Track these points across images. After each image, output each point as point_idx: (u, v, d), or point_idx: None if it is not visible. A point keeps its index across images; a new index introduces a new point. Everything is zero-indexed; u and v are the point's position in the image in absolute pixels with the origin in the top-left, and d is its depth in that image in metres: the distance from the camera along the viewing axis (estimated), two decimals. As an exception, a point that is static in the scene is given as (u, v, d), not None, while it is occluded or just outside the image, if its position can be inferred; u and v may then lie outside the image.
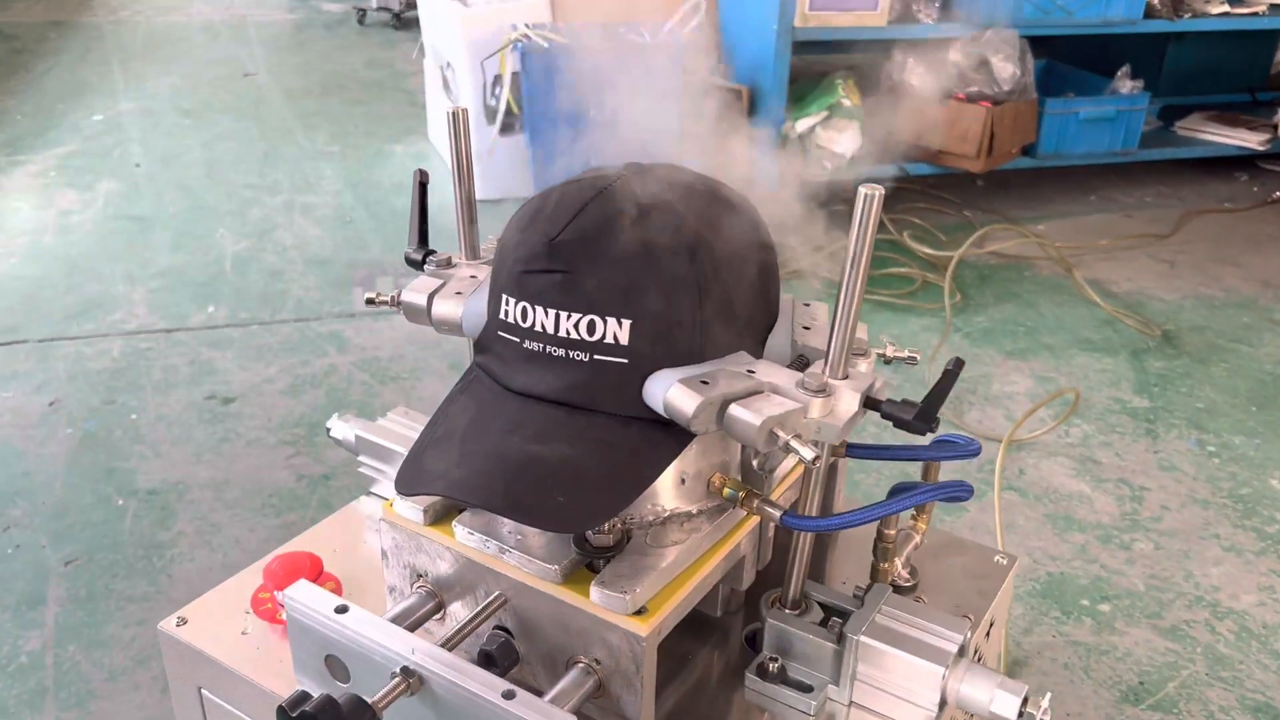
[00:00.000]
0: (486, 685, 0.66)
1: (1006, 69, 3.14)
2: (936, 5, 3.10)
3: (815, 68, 3.21)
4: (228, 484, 1.97)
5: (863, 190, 0.65)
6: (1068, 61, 3.80)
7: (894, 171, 3.28)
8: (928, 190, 3.43)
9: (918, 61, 3.19)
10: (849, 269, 0.67)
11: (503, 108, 3.11)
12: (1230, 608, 1.74)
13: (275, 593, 0.84)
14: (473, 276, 0.81)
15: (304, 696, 0.63)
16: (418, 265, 0.85)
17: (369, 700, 0.65)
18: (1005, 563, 0.93)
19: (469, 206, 0.85)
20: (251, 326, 2.55)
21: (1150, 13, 3.28)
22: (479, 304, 0.76)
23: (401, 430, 0.96)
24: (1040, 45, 3.91)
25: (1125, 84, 3.43)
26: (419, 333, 2.48)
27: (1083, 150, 3.43)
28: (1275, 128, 3.70)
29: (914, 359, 0.81)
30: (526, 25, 2.93)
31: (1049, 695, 0.73)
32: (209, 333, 2.51)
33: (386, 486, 0.97)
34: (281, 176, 3.52)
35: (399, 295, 0.82)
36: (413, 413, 0.99)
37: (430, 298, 0.80)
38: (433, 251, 0.86)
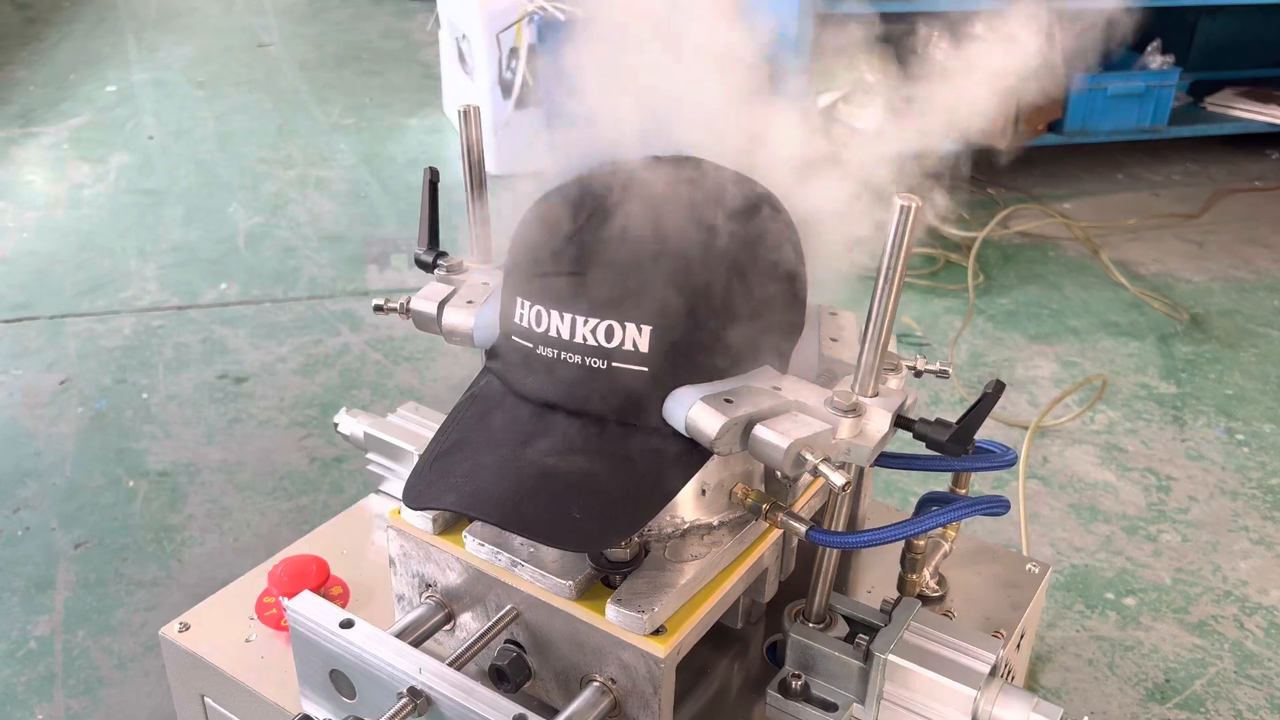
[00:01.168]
0: (496, 708, 0.63)
1: (1034, 43, 3.06)
2: (963, -23, 3.02)
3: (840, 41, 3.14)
4: (239, 466, 1.95)
5: (899, 201, 0.60)
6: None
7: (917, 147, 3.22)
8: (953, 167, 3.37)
9: (944, 34, 3.13)
10: (882, 282, 0.62)
11: (519, 81, 3.06)
12: (1259, 603, 1.70)
13: (280, 599, 0.81)
14: (485, 283, 0.77)
15: None
16: (428, 268, 0.81)
17: (374, 724, 0.62)
18: (1037, 572, 0.90)
19: (481, 208, 0.81)
20: (264, 304, 2.52)
21: (1184, -15, 3.19)
22: (491, 314, 0.72)
23: (411, 427, 0.92)
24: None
25: (1155, 59, 3.35)
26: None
27: (1111, 127, 3.36)
28: (1309, 104, 3.61)
29: (945, 372, 0.77)
30: (543, -3, 2.88)
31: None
32: (221, 310, 2.49)
33: (396, 485, 0.93)
34: (295, 150, 3.48)
35: (408, 302, 0.78)
36: (423, 409, 0.96)
37: (441, 306, 0.76)
38: (444, 254, 0.82)
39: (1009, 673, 0.85)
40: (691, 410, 0.64)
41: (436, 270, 0.82)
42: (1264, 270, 2.88)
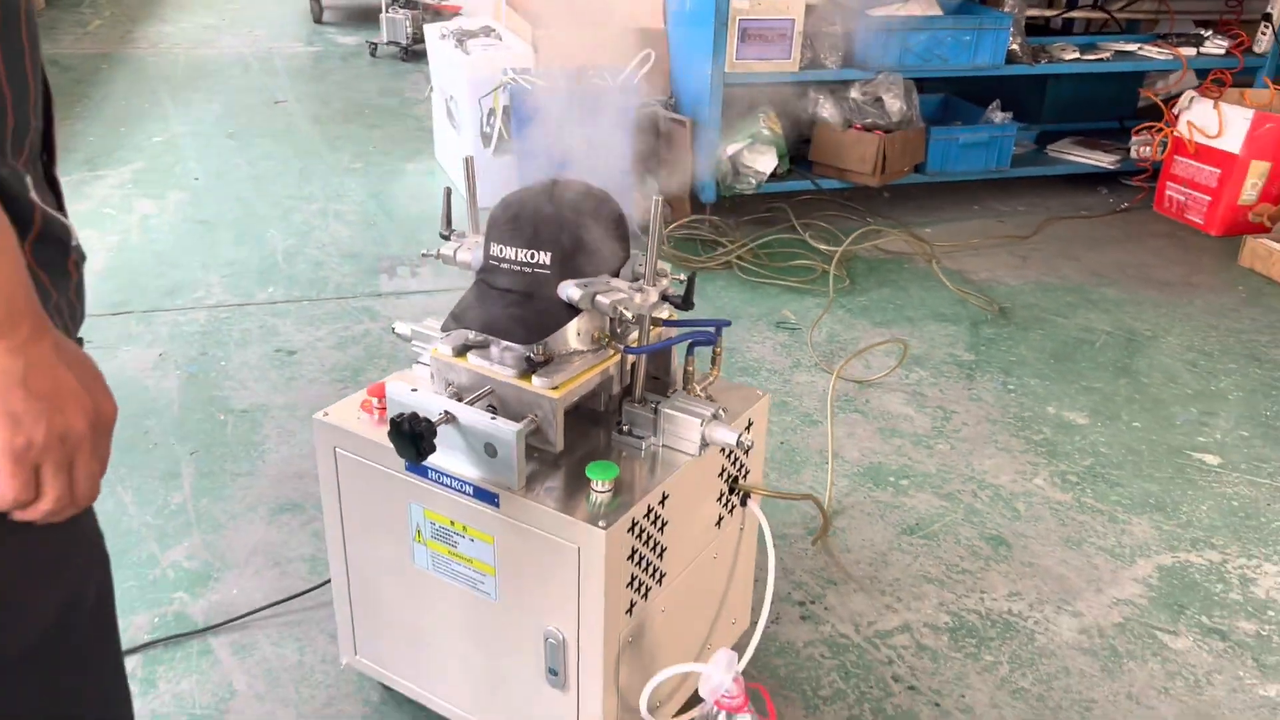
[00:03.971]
0: (483, 415, 1.45)
1: (896, 104, 3.95)
2: (839, 54, 3.92)
3: (744, 103, 4.02)
4: (297, 406, 2.76)
5: (655, 196, 1.43)
6: (963, 97, 4.62)
7: (809, 185, 4.09)
8: (840, 200, 4.25)
9: (825, 99, 4.02)
10: (651, 235, 1.45)
11: (495, 134, 3.91)
12: (991, 483, 2.54)
13: (374, 399, 1.63)
14: (476, 242, 1.60)
15: (401, 415, 1.42)
16: (446, 238, 1.64)
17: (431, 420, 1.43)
18: (762, 394, 1.73)
19: (474, 208, 1.64)
20: (303, 302, 3.34)
21: (1012, 59, 4.10)
22: (479, 254, 1.55)
23: (433, 331, 1.74)
24: (944, 84, 4.73)
25: (997, 115, 4.25)
26: (433, 306, 3.27)
27: (964, 169, 4.24)
28: (1127, 150, 4.52)
29: (681, 280, 1.58)
30: (514, 70, 3.73)
31: (749, 429, 1.51)
32: (271, 306, 3.31)
33: (426, 356, 1.75)
34: (315, 189, 4.32)
35: (440, 251, 1.61)
36: (437, 318, 1.77)
37: (455, 252, 1.59)
38: (455, 230, 1.65)
39: (743, 435, 1.67)
40: (568, 290, 1.46)
41: (452, 238, 1.64)
42: (1068, 276, 3.75)
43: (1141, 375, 3.07)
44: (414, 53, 6.53)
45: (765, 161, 3.85)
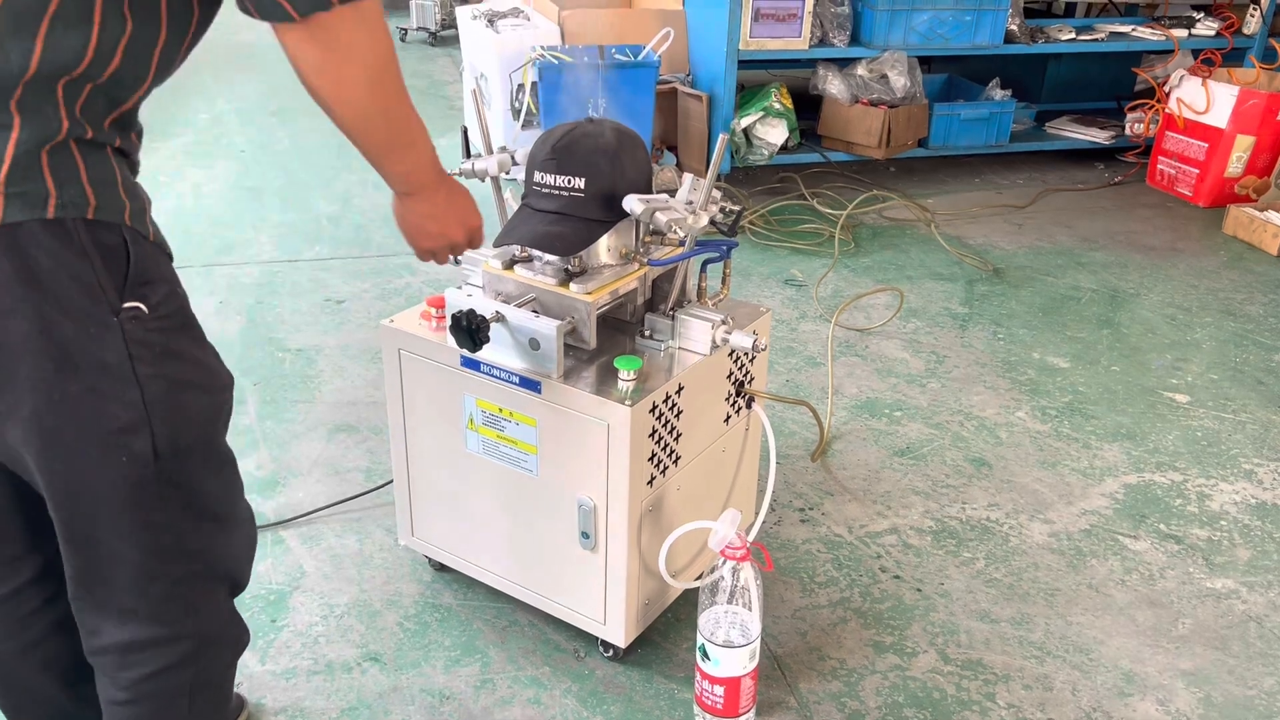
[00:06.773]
0: (529, 314, 1.72)
1: (900, 81, 4.20)
2: (846, 33, 4.17)
3: (756, 79, 4.27)
4: (348, 347, 3.04)
5: (722, 134, 1.69)
6: (967, 78, 4.86)
7: (817, 158, 4.34)
8: (848, 173, 4.50)
9: (834, 75, 4.27)
10: (712, 164, 1.71)
11: (524, 108, 4.18)
12: (977, 415, 2.80)
13: (432, 309, 1.90)
14: (492, 158, 1.86)
15: (460, 312, 1.68)
16: (466, 159, 1.91)
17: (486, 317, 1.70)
18: (765, 310, 1.99)
19: (487, 134, 1.91)
20: (347, 259, 3.62)
21: (1010, 39, 4.34)
22: (494, 164, 1.82)
23: (480, 256, 2.00)
24: (948, 64, 4.98)
25: (996, 93, 4.49)
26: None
27: (965, 143, 4.48)
28: (1122, 128, 4.76)
29: (733, 210, 1.84)
30: (542, 47, 4.00)
31: (765, 336, 1.78)
32: (319, 263, 3.59)
33: (476, 279, 2.01)
34: (354, 160, 4.57)
35: (460, 168, 1.88)
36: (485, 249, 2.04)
37: (473, 164, 1.86)
38: (472, 154, 1.92)
39: (755, 346, 1.93)
40: (631, 203, 1.70)
41: (470, 158, 1.91)
42: (1060, 242, 4.00)
43: (1123, 327, 3.32)
44: (442, 38, 6.81)
45: (776, 134, 4.11)
